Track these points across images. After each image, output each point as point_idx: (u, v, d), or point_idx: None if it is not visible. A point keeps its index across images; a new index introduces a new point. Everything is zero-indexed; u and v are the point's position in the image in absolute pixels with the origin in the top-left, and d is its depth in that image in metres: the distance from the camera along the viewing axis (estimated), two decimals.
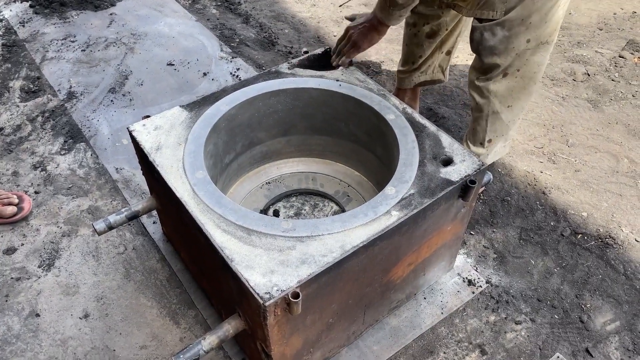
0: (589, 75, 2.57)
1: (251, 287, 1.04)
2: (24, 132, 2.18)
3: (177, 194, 1.23)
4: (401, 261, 1.34)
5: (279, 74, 1.62)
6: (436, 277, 1.63)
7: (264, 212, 1.66)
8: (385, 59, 2.69)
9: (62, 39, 2.73)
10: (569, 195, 1.97)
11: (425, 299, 1.60)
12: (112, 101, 2.35)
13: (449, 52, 2.08)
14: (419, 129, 1.42)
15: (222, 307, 1.45)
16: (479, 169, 1.30)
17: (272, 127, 1.67)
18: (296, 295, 1.03)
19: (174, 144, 1.37)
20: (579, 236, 1.82)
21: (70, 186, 1.95)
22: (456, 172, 1.29)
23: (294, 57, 2.48)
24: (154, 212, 1.80)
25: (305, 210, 1.69)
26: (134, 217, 1.44)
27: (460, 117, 2.30)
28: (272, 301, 1.02)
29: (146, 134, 1.40)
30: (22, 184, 1.95)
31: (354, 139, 1.68)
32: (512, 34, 1.52)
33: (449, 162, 1.32)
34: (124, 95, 2.38)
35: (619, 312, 1.60)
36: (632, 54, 2.72)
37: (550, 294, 1.65)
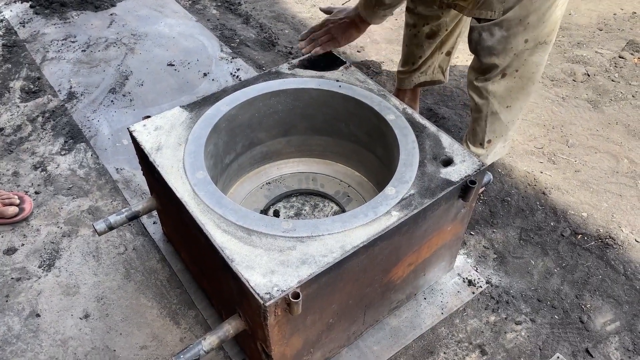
0: (589, 75, 2.58)
1: (251, 288, 1.04)
2: (24, 133, 2.18)
3: (178, 194, 1.23)
4: (401, 261, 1.34)
5: (279, 75, 1.62)
6: (436, 278, 1.63)
7: (264, 212, 1.66)
8: (385, 59, 2.69)
9: (63, 40, 2.73)
10: (569, 195, 1.97)
11: (425, 299, 1.60)
12: (112, 101, 2.35)
13: (449, 53, 2.08)
14: (419, 130, 1.42)
15: (222, 307, 1.45)
16: (479, 170, 1.30)
17: (272, 127, 1.67)
18: (296, 295, 1.03)
19: (175, 144, 1.37)
20: (579, 236, 1.82)
21: (70, 186, 1.95)
22: (456, 173, 1.29)
23: (294, 58, 2.48)
24: (154, 213, 1.80)
25: (305, 210, 1.69)
26: (134, 217, 1.44)
27: (460, 118, 2.30)
28: (272, 301, 1.02)
29: (146, 135, 1.40)
30: (23, 184, 1.95)
31: (354, 140, 1.68)
32: (510, 34, 1.52)
33: (449, 162, 1.33)
34: (125, 95, 2.39)
35: (619, 313, 1.60)
36: (632, 54, 2.72)
37: (550, 294, 1.65)
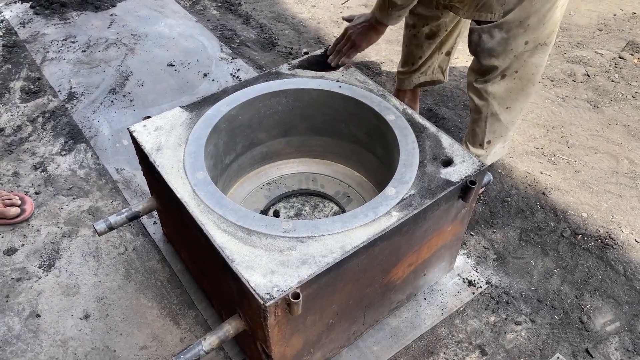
0: (589, 76, 2.58)
1: (251, 288, 1.04)
2: (25, 133, 2.18)
3: (178, 195, 1.24)
4: (401, 262, 1.34)
5: (279, 75, 1.62)
6: (436, 278, 1.63)
7: (264, 212, 1.66)
8: (385, 59, 2.69)
9: (63, 40, 2.73)
10: (569, 196, 1.97)
11: (425, 299, 1.60)
12: (112, 102, 2.35)
13: (449, 53, 2.09)
14: (419, 130, 1.42)
15: (222, 307, 1.45)
16: (479, 170, 1.30)
17: (272, 127, 1.67)
18: (296, 295, 1.03)
19: (175, 144, 1.37)
20: (579, 237, 1.82)
21: (70, 187, 1.95)
22: (456, 173, 1.29)
23: (294, 58, 2.48)
24: (155, 213, 1.80)
25: (305, 210, 1.69)
26: (134, 217, 1.44)
27: (460, 118, 2.30)
28: (272, 301, 1.02)
29: (147, 135, 1.40)
30: (23, 185, 1.95)
31: (354, 140, 1.68)
32: (510, 36, 1.52)
33: (449, 162, 1.33)
34: (125, 96, 2.39)
35: (618, 313, 1.60)
36: (631, 54, 2.72)
37: (550, 294, 1.65)
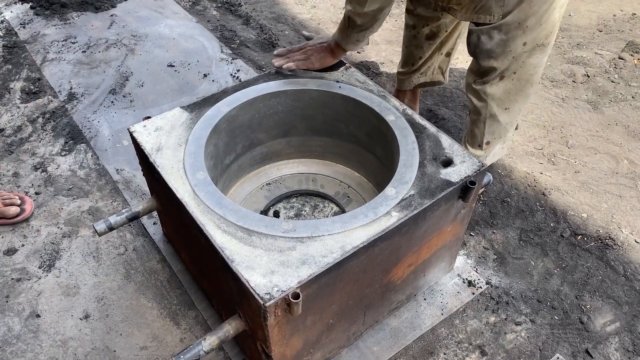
0: (589, 76, 2.58)
1: (251, 288, 1.04)
2: (25, 133, 2.18)
3: (178, 195, 1.24)
4: (401, 262, 1.34)
5: (279, 75, 1.62)
6: (436, 278, 1.63)
7: (264, 213, 1.66)
8: (385, 60, 2.69)
9: (63, 40, 2.73)
10: (569, 196, 1.97)
11: (425, 299, 1.60)
12: (112, 102, 2.35)
13: (449, 54, 2.09)
14: (419, 130, 1.43)
15: (222, 307, 1.45)
16: (478, 170, 1.30)
17: (272, 128, 1.67)
18: (296, 295, 1.03)
19: (175, 145, 1.37)
20: (579, 237, 1.82)
21: (70, 187, 1.95)
22: (456, 173, 1.29)
23: None
24: (155, 213, 1.80)
25: (305, 211, 1.69)
26: (134, 218, 1.44)
27: (460, 119, 2.30)
28: (272, 302, 1.02)
29: (147, 135, 1.40)
30: (23, 185, 1.95)
31: (354, 140, 1.68)
32: (509, 38, 1.52)
33: (449, 163, 1.33)
34: (125, 96, 2.39)
35: (618, 313, 1.60)
36: (631, 55, 2.72)
37: (550, 295, 1.65)
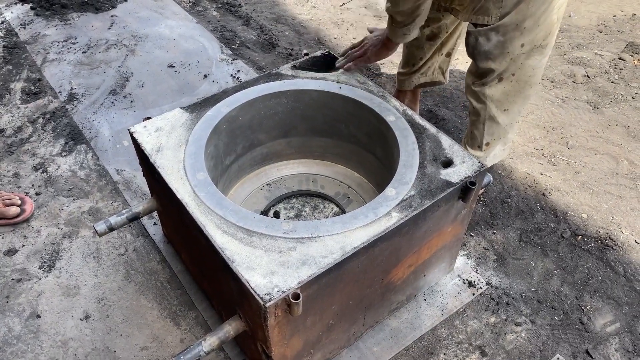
0: (589, 77, 2.58)
1: (252, 288, 1.04)
2: (25, 134, 2.18)
3: (178, 195, 1.24)
4: (401, 262, 1.34)
5: (279, 76, 1.62)
6: (436, 279, 1.63)
7: (265, 213, 1.66)
8: (385, 60, 2.69)
9: (63, 41, 2.73)
10: (569, 196, 1.97)
11: (425, 300, 1.60)
12: (112, 103, 2.35)
13: (449, 54, 2.09)
14: (419, 131, 1.43)
15: (222, 308, 1.45)
16: (479, 171, 1.30)
17: (272, 128, 1.67)
18: (297, 296, 1.03)
19: (175, 145, 1.37)
20: (579, 238, 1.82)
21: (71, 188, 1.95)
22: (456, 174, 1.30)
23: (294, 59, 2.48)
24: (155, 214, 1.80)
25: (305, 211, 1.69)
26: (134, 218, 1.44)
27: (460, 119, 2.30)
28: (272, 302, 1.02)
29: (147, 136, 1.40)
30: (23, 186, 1.95)
31: (354, 141, 1.68)
32: (506, 39, 1.53)
33: (449, 163, 1.33)
34: (125, 97, 2.39)
35: (619, 314, 1.60)
36: (631, 56, 2.72)
37: (550, 295, 1.65)
